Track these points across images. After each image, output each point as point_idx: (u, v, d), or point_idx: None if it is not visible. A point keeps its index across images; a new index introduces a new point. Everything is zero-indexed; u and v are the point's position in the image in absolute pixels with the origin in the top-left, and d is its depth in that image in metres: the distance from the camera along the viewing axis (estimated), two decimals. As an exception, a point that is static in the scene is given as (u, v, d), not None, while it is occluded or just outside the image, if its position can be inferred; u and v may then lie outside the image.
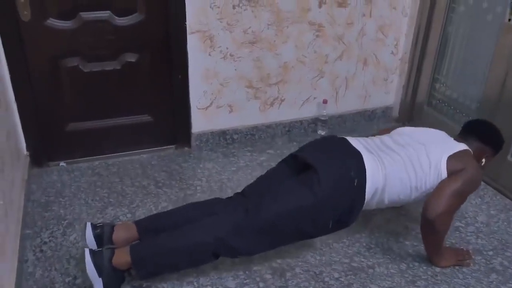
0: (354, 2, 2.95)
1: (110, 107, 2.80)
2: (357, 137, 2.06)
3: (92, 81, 2.68)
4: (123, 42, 2.64)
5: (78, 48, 2.58)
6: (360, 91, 3.28)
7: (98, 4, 2.53)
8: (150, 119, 2.90)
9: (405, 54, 3.24)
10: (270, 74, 2.96)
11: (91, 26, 2.55)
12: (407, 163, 1.92)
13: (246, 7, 2.71)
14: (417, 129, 2.14)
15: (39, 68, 2.55)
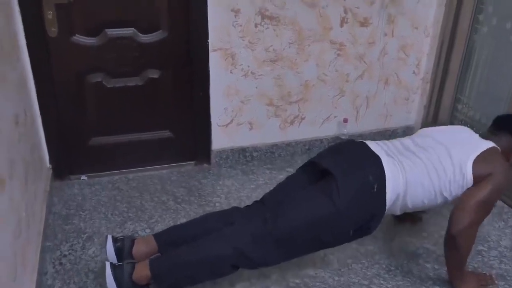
0: (376, 21, 2.95)
1: (131, 123, 2.83)
2: (377, 141, 2.02)
3: (115, 97, 2.72)
4: (146, 58, 2.68)
5: (102, 64, 2.63)
6: (381, 111, 3.27)
7: (122, 22, 2.58)
8: (171, 135, 2.92)
9: (427, 74, 3.22)
10: (290, 92, 2.97)
11: (116, 42, 2.60)
12: (429, 167, 1.85)
13: (268, 26, 2.74)
14: (440, 129, 2.07)
15: (64, 83, 2.61)
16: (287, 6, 2.72)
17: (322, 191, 1.83)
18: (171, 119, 2.89)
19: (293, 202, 1.87)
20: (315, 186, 1.90)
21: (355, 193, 1.80)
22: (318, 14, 2.80)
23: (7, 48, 2.04)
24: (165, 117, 2.87)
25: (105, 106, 2.74)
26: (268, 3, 2.67)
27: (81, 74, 2.63)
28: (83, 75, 2.63)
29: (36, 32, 2.42)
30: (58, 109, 2.64)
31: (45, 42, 2.46)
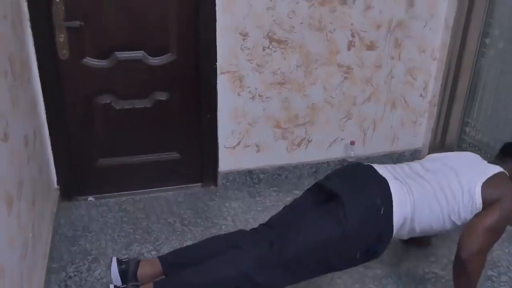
0: (383, 45, 2.97)
1: (139, 144, 2.85)
2: (384, 165, 2.01)
3: (123, 118, 2.74)
4: (155, 81, 2.71)
5: (111, 86, 2.67)
6: (388, 133, 3.26)
7: (132, 44, 2.61)
8: (178, 157, 2.93)
9: (434, 97, 3.22)
10: (298, 114, 2.98)
11: (125, 65, 2.63)
12: (437, 190, 1.83)
13: (276, 49, 2.76)
14: (448, 154, 2.06)
15: (73, 105, 2.64)
16: (295, 29, 2.75)
17: (329, 214, 1.82)
18: (179, 141, 2.90)
19: (300, 225, 1.86)
20: (322, 209, 1.89)
21: (363, 216, 1.78)
22: (326, 37, 2.82)
23: (19, 70, 2.07)
24: (173, 139, 2.89)
25: (114, 127, 2.76)
26: (276, 27, 2.71)
27: (91, 96, 2.66)
28: (92, 97, 2.66)
29: (47, 55, 2.46)
30: (67, 130, 2.66)
31: (56, 65, 2.50)
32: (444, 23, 3.03)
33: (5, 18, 1.90)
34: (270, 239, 1.86)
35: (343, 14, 2.80)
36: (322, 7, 2.74)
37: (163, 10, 2.59)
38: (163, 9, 2.59)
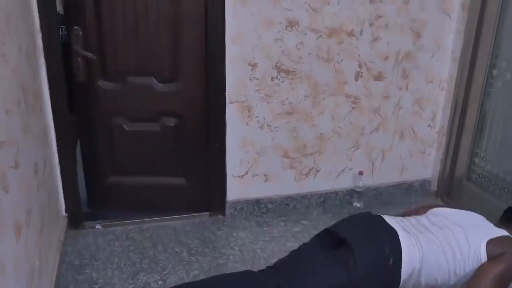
0: (391, 75, 2.99)
1: (148, 165, 2.91)
2: (393, 216, 2.01)
3: (133, 140, 2.84)
4: (164, 107, 2.78)
5: (123, 109, 2.76)
6: (397, 164, 3.25)
7: (143, 71, 2.70)
8: (186, 183, 2.96)
9: (442, 127, 3.22)
10: (306, 144, 2.99)
11: (137, 89, 2.72)
12: (445, 245, 1.83)
13: (284, 79, 2.79)
14: (453, 211, 2.06)
15: (87, 125, 2.78)
16: (303, 60, 2.78)
17: (338, 260, 1.81)
18: (187, 167, 2.93)
19: (308, 268, 1.85)
20: (331, 254, 1.88)
21: (371, 264, 1.77)
22: (333, 68, 2.86)
23: (32, 100, 2.11)
24: (181, 165, 2.92)
25: (125, 147, 2.84)
26: (284, 58, 2.74)
27: (104, 117, 2.77)
28: (106, 118, 2.77)
29: (59, 85, 2.51)
30: (76, 158, 2.70)
31: (68, 92, 2.57)
32: (451, 54, 3.06)
33: (20, 50, 1.95)
34: (278, 282, 1.84)
35: (350, 45, 2.83)
36: (329, 39, 2.78)
37: (173, 40, 2.66)
38: (173, 39, 2.66)
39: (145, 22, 2.61)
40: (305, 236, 2.70)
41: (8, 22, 1.78)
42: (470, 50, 2.92)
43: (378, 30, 2.85)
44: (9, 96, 1.71)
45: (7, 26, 1.76)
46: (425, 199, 3.23)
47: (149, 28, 2.62)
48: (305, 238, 2.14)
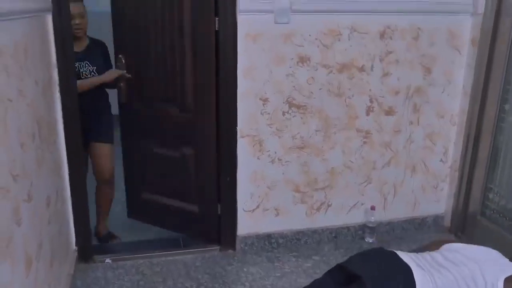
0: (401, 110, 3.00)
1: (169, 188, 3.03)
2: (407, 252, 1.98)
3: (158, 162, 3.01)
4: (183, 135, 2.89)
5: (151, 132, 2.99)
6: (409, 198, 3.22)
7: (167, 99, 2.89)
8: (199, 212, 2.98)
9: (455, 162, 3.20)
10: (317, 178, 2.98)
11: (161, 115, 2.92)
12: (460, 282, 1.78)
13: (295, 114, 2.81)
14: (468, 246, 2.02)
15: (126, 149, 3.12)
16: (314, 95, 2.80)
17: None
18: (201, 196, 2.96)
19: None
20: None
21: None
22: (344, 103, 2.87)
23: (46, 133, 2.14)
24: (196, 193, 2.97)
25: (150, 168, 3.05)
26: (295, 93, 2.77)
27: (134, 139, 3.04)
28: (137, 140, 3.03)
29: (73, 118, 2.55)
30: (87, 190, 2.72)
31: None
32: (462, 89, 3.06)
33: (37, 84, 1.99)
34: None
35: (361, 80, 2.86)
36: (340, 74, 2.81)
37: (190, 72, 2.78)
38: (191, 71, 2.78)
39: (171, 52, 2.79)
40: (316, 272, 2.66)
41: (26, 56, 1.83)
42: (481, 85, 2.93)
43: (388, 65, 2.88)
44: (25, 129, 1.74)
45: (25, 61, 1.81)
46: (438, 235, 3.17)
47: (174, 59, 2.79)
48: (316, 274, 2.11)
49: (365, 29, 2.77)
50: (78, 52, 2.84)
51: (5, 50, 1.56)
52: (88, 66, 2.91)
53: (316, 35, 2.71)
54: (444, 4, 2.86)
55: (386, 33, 2.82)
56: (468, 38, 2.97)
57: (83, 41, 2.93)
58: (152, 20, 2.78)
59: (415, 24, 2.85)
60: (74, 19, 2.73)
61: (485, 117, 2.98)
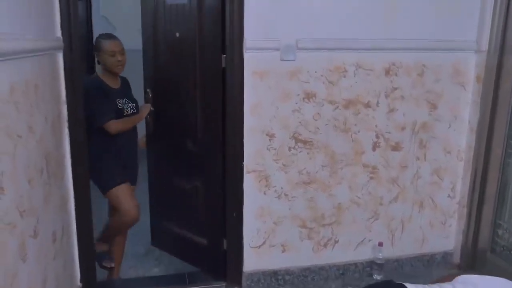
0: (408, 146, 3.00)
1: (182, 219, 3.12)
2: (416, 284, 1.93)
3: (174, 192, 3.11)
4: (195, 168, 2.95)
5: (170, 164, 3.14)
6: (417, 235, 3.18)
7: (184, 133, 3.00)
8: (207, 245, 3.00)
9: (462, 198, 3.17)
10: (324, 214, 2.96)
11: (178, 148, 3.05)
12: None
13: (302, 149, 2.82)
14: (481, 277, 1.98)
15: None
16: (320, 131, 2.82)
17: None
18: (209, 230, 2.97)
19: None
20: None
21: None
22: (350, 138, 2.88)
23: (54, 168, 2.15)
24: (205, 226, 2.99)
25: (169, 197, 3.14)
26: (301, 128, 2.79)
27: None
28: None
29: (81, 153, 2.57)
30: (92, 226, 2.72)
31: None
32: (468, 125, 3.07)
33: (46, 120, 2.02)
34: None
35: (367, 116, 2.87)
36: (346, 110, 2.83)
37: (198, 107, 2.88)
38: (199, 107, 2.88)
39: (185, 88, 2.93)
40: (324, 310, 2.62)
41: (36, 93, 1.87)
42: (487, 121, 2.93)
43: (394, 101, 2.90)
44: (33, 165, 1.76)
45: (35, 97, 1.84)
46: (447, 272, 3.12)
47: (188, 94, 2.94)
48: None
49: (370, 66, 2.81)
50: (116, 89, 2.90)
51: (16, 87, 1.59)
52: (129, 103, 2.92)
53: (322, 72, 2.75)
54: (448, 42, 2.90)
55: (391, 70, 2.85)
56: (472, 74, 2.99)
57: (117, 78, 2.95)
58: (172, 59, 2.93)
59: (420, 61, 2.89)
60: (116, 55, 2.79)
61: (492, 153, 2.97)
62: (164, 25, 2.99)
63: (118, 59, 2.80)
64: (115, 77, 2.90)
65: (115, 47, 2.78)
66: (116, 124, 2.78)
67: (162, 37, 3.01)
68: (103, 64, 2.84)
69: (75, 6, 2.40)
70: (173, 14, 2.94)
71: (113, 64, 2.80)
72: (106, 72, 2.86)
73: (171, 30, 2.94)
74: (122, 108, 2.86)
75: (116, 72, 2.86)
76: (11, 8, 1.63)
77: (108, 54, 2.78)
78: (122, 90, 2.94)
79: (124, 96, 2.92)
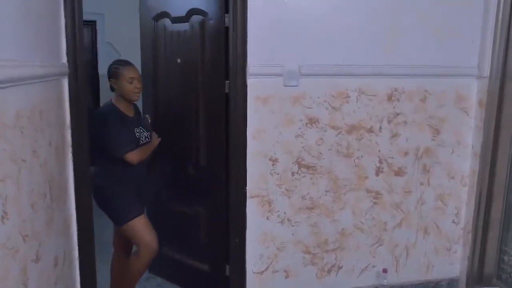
0: (411, 171, 3.00)
1: (182, 245, 3.14)
2: None
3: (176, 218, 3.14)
4: (196, 194, 2.96)
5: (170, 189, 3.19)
6: (422, 261, 3.15)
7: (185, 159, 3.07)
8: (209, 272, 2.99)
9: (467, 223, 3.15)
10: (327, 240, 2.94)
11: (179, 173, 3.10)
12: None
13: (305, 174, 2.82)
14: None
15: None
16: (323, 156, 2.82)
17: None
18: (211, 256, 2.97)
19: None
20: None
21: None
22: (354, 164, 2.88)
23: (57, 193, 2.15)
24: (206, 252, 2.99)
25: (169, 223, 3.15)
26: (304, 153, 2.79)
27: None
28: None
29: (84, 178, 2.57)
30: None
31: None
32: (472, 150, 3.06)
33: (50, 145, 2.03)
34: None
35: (370, 141, 2.88)
36: (349, 135, 2.84)
37: (201, 133, 2.95)
38: (202, 132, 2.95)
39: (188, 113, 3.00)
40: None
41: (41, 118, 1.88)
42: (490, 146, 2.93)
43: (396, 126, 2.91)
44: (37, 190, 1.76)
45: (40, 122, 1.86)
46: (454, 300, 3.08)
47: (190, 120, 3.02)
48: None
49: (373, 92, 2.83)
50: (132, 117, 2.85)
51: (22, 113, 1.61)
52: (144, 132, 2.87)
53: (325, 98, 2.77)
54: (450, 68, 2.92)
55: (394, 95, 2.87)
56: (475, 100, 3.01)
57: (131, 106, 2.89)
58: (173, 84, 2.94)
59: (422, 87, 2.91)
60: (134, 82, 2.74)
61: (496, 178, 2.96)
62: (164, 51, 3.02)
63: (136, 86, 2.76)
64: (129, 105, 2.85)
65: (133, 74, 2.75)
66: (136, 155, 2.74)
67: (162, 62, 3.03)
68: (119, 91, 2.78)
69: (80, 33, 2.44)
70: (174, 40, 2.98)
71: (131, 91, 2.75)
72: (120, 99, 2.80)
73: (172, 56, 2.96)
74: (139, 137, 2.82)
75: (133, 100, 2.81)
76: (19, 35, 1.66)
77: (126, 81, 2.74)
78: (137, 118, 2.90)
79: (139, 125, 2.88)
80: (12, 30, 1.58)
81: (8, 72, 1.45)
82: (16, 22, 1.62)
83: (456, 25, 2.90)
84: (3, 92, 1.43)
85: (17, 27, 1.64)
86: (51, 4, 2.20)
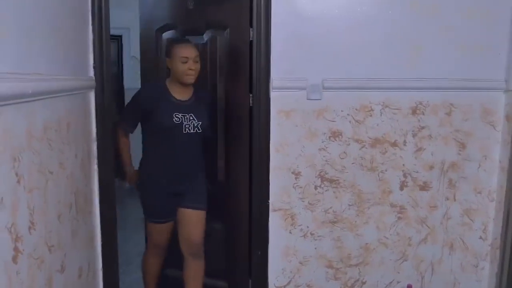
0: (437, 185, 2.95)
1: None
2: None
3: None
4: (211, 208, 2.84)
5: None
6: (448, 278, 3.08)
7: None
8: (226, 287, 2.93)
9: (495, 239, 3.07)
10: (350, 254, 2.90)
11: None
12: None
13: (328, 188, 2.80)
14: None
15: None
16: (347, 169, 2.80)
17: None
18: (230, 272, 2.93)
19: None
20: None
21: None
22: (377, 177, 2.85)
23: (82, 204, 2.19)
24: (225, 268, 2.94)
25: None
26: (327, 167, 2.78)
27: None
28: None
29: (109, 190, 2.60)
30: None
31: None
32: (499, 164, 3.00)
33: (76, 157, 2.07)
34: None
35: (394, 155, 2.85)
36: (373, 149, 2.81)
37: (220, 147, 2.90)
38: (221, 146, 2.90)
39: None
40: None
41: (68, 131, 1.92)
42: (518, 160, 2.87)
43: (421, 140, 2.87)
44: (63, 201, 1.79)
45: (67, 135, 1.90)
46: (481, 318, 2.99)
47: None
48: None
49: (397, 105, 2.80)
50: (181, 101, 2.60)
51: (50, 126, 1.65)
52: (193, 120, 2.57)
53: (348, 111, 2.75)
54: (476, 81, 2.88)
55: (418, 109, 2.84)
56: (502, 114, 2.95)
57: (189, 89, 2.63)
58: None
59: (447, 100, 2.87)
60: (188, 62, 2.50)
61: (524, 194, 2.89)
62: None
63: (190, 67, 2.51)
64: (185, 88, 2.60)
65: (188, 53, 2.50)
66: (122, 137, 2.72)
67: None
68: (172, 72, 2.57)
69: (107, 47, 2.49)
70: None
71: (183, 72, 2.50)
72: (173, 81, 2.59)
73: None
74: (180, 122, 2.55)
75: (185, 82, 2.55)
76: (49, 49, 1.70)
77: (179, 61, 2.50)
78: (190, 105, 2.61)
79: (191, 111, 2.59)
80: (42, 44, 1.62)
81: (37, 85, 1.49)
82: (46, 37, 1.67)
83: (482, 37, 2.86)
84: (32, 105, 1.47)
85: (47, 42, 1.68)
86: (80, 19, 2.26)
